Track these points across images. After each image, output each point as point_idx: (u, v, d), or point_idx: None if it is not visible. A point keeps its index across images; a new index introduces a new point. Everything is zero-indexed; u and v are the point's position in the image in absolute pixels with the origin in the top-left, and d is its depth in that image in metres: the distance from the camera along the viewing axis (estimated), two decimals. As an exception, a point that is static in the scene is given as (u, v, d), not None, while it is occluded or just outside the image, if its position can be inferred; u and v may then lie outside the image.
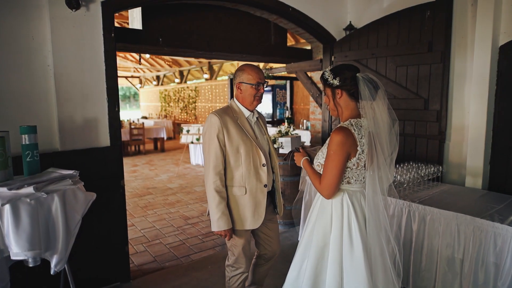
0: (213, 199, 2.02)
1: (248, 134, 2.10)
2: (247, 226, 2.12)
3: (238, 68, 2.13)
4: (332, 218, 1.75)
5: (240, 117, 2.12)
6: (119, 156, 2.80)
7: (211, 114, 2.08)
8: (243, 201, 2.09)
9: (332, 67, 1.78)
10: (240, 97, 2.13)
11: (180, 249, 3.72)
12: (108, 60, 2.70)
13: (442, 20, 3.32)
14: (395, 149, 1.73)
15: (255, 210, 2.11)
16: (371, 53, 3.89)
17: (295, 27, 4.14)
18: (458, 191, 2.99)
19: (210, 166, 2.04)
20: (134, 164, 8.71)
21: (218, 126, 2.02)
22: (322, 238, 1.77)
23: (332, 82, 1.72)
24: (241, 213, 2.10)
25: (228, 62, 12.22)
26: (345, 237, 1.71)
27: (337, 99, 1.76)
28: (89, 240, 2.63)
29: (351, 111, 1.75)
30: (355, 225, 1.70)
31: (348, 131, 1.66)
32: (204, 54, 4.07)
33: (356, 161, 1.69)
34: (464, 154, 3.39)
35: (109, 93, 2.72)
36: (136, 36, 3.34)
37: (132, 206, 5.22)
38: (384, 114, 1.67)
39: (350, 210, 1.71)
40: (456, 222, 2.42)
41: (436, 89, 3.41)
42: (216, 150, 2.02)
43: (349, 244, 1.70)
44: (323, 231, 1.77)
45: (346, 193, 1.74)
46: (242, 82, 2.09)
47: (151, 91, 18.86)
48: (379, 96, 1.67)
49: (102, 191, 2.66)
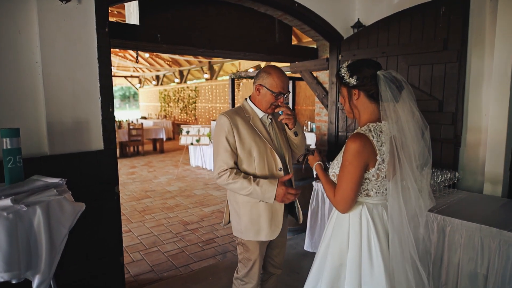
0: (241, 187, 1.82)
1: (261, 135, 1.91)
2: (263, 237, 1.92)
3: (265, 68, 1.94)
4: (350, 235, 1.54)
5: (253, 117, 1.94)
6: (114, 160, 2.60)
7: (220, 115, 1.91)
8: (258, 210, 1.90)
9: (349, 63, 1.56)
10: (257, 99, 1.95)
11: (179, 258, 3.52)
12: (102, 56, 2.50)
13: (458, 16, 3.12)
14: (428, 163, 1.47)
15: (272, 219, 1.92)
16: (381, 52, 3.69)
17: (300, 24, 3.94)
18: (476, 199, 2.79)
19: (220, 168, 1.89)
20: (133, 165, 8.50)
21: (227, 127, 1.85)
22: (338, 257, 1.56)
23: (349, 81, 1.51)
24: (255, 223, 1.90)
25: (229, 62, 12.02)
26: (364, 257, 1.50)
27: (353, 101, 1.55)
28: (80, 251, 2.43)
29: (370, 114, 1.53)
30: (375, 243, 1.49)
31: (365, 138, 1.45)
32: (205, 52, 3.86)
33: (375, 172, 1.48)
34: (481, 159, 3.20)
35: (102, 93, 2.52)
36: (133, 32, 3.13)
37: (129, 211, 5.02)
38: (410, 118, 1.42)
39: (369, 226, 1.50)
40: (480, 235, 2.23)
41: (451, 90, 3.21)
42: (225, 153, 1.87)
43: (369, 265, 1.49)
44: (339, 249, 1.56)
45: (365, 207, 1.53)
46: (263, 85, 1.90)
47: (151, 91, 18.66)
48: (403, 97, 1.44)
49: (94, 198, 2.47)
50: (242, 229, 1.93)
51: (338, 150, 4.33)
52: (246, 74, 7.87)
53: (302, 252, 3.44)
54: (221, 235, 4.08)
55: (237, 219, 1.96)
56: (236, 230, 1.99)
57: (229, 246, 3.77)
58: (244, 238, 1.94)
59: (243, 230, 1.93)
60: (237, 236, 2.00)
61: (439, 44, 3.24)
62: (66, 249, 1.70)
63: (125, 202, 5.42)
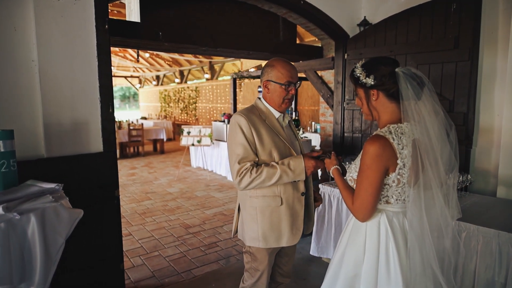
0: (268, 176, 1.67)
1: (280, 136, 1.79)
2: (284, 242, 1.80)
3: (268, 63, 1.83)
4: (366, 244, 1.45)
5: (268, 116, 1.81)
6: (114, 163, 2.49)
7: (235, 115, 1.77)
8: (278, 214, 1.78)
9: (364, 62, 1.47)
10: (268, 97, 1.83)
11: (181, 263, 3.42)
12: (102, 55, 2.40)
13: (470, 13, 3.02)
14: (454, 167, 1.36)
15: (294, 223, 1.81)
16: (389, 51, 3.58)
17: (305, 22, 3.83)
18: (490, 203, 2.69)
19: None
20: (133, 166, 8.40)
21: (245, 126, 1.72)
22: (353, 267, 1.47)
23: (365, 82, 1.43)
24: (276, 228, 1.78)
25: (230, 62, 11.92)
26: (381, 268, 1.41)
27: (372, 102, 1.46)
28: (79, 258, 2.32)
29: (390, 114, 1.44)
30: (394, 254, 1.39)
31: (385, 141, 1.36)
32: (208, 50, 3.75)
33: (396, 177, 1.38)
34: (493, 161, 3.09)
35: (102, 92, 2.41)
36: (134, 30, 3.03)
37: (129, 213, 4.92)
38: (434, 118, 1.33)
39: (388, 235, 1.41)
40: (498, 241, 2.12)
41: (462, 89, 3.11)
42: (245, 151, 1.71)
43: (386, 277, 1.39)
44: (355, 258, 1.47)
45: (384, 214, 1.44)
46: (270, 81, 1.78)
47: (151, 91, 18.56)
48: (425, 94, 1.35)
49: (94, 202, 2.37)
50: (259, 237, 1.79)
51: (343, 152, 4.21)
52: (248, 74, 7.77)
53: (308, 257, 3.34)
54: (223, 238, 3.98)
55: (254, 226, 1.80)
56: (252, 238, 1.82)
57: (232, 250, 3.67)
58: (261, 246, 1.80)
59: (260, 237, 1.79)
60: (249, 245, 1.85)
61: (450, 42, 3.13)
62: (63, 257, 1.60)
63: (125, 204, 5.32)
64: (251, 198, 1.79)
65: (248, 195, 1.80)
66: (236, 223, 1.97)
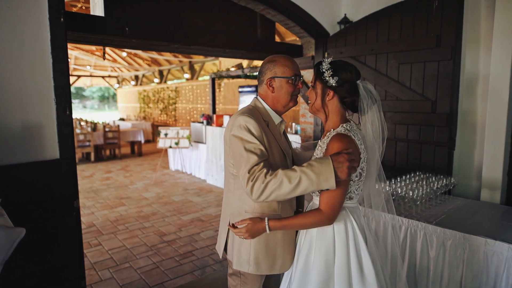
0: (285, 181, 1.29)
1: (281, 146, 1.55)
2: (278, 269, 1.54)
3: (267, 60, 1.61)
4: (336, 245, 1.42)
5: (269, 122, 1.56)
6: (72, 171, 2.25)
7: (241, 116, 1.45)
8: (275, 235, 1.52)
9: (333, 61, 1.47)
10: (271, 97, 1.57)
11: (153, 275, 3.19)
12: (57, 51, 2.16)
13: (452, 11, 2.92)
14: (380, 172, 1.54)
15: (290, 246, 1.56)
16: (370, 49, 3.47)
17: (284, 19, 3.68)
18: (475, 207, 2.59)
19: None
20: (108, 170, 8.05)
21: (256, 130, 1.42)
22: (325, 271, 1.41)
23: (328, 80, 1.44)
24: (271, 252, 1.52)
25: (210, 62, 11.68)
26: (353, 264, 1.41)
27: (326, 100, 1.47)
28: (33, 279, 2.07)
29: (341, 116, 1.49)
30: (363, 247, 1.43)
31: (349, 139, 1.39)
32: (181, 47, 3.54)
33: (359, 172, 1.44)
34: (476, 164, 3.01)
35: (57, 93, 2.17)
36: (98, 25, 2.79)
37: (100, 221, 4.63)
38: (376, 126, 1.48)
39: (355, 231, 1.45)
40: (484, 249, 2.01)
41: (445, 89, 3.01)
42: (257, 155, 1.39)
43: (359, 272, 1.40)
44: (325, 261, 1.42)
45: (348, 211, 1.47)
46: (274, 77, 1.54)
47: (130, 91, 18.06)
48: (373, 110, 1.47)
49: (48, 216, 2.12)
50: (250, 261, 1.52)
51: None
52: (227, 73, 7.55)
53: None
54: (200, 247, 3.77)
55: (246, 247, 1.54)
56: (242, 261, 1.54)
57: (209, 259, 3.46)
58: (251, 272, 1.53)
59: (252, 261, 1.52)
60: (237, 270, 1.58)
61: (432, 41, 3.03)
62: (17, 276, 1.37)
63: (97, 211, 5.02)
64: (246, 214, 1.53)
65: (244, 209, 1.53)
66: (226, 241, 1.66)
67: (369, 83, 1.49)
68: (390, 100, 3.37)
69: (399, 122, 3.32)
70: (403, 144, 3.31)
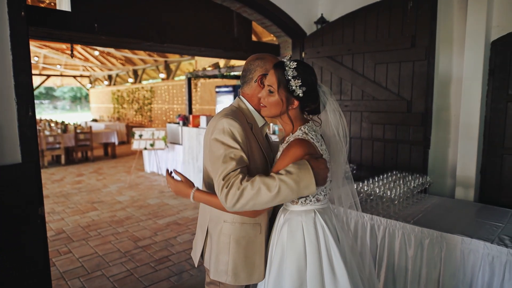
0: (262, 189, 1.21)
1: (263, 150, 1.45)
2: (256, 278, 1.47)
3: (254, 57, 1.51)
4: (307, 248, 1.38)
5: (253, 125, 1.47)
6: (36, 175, 2.10)
7: (224, 119, 1.36)
8: (254, 245, 1.46)
9: (297, 66, 1.34)
10: (257, 97, 1.47)
11: (127, 283, 3.05)
12: (17, 48, 2.00)
13: (426, 11, 2.96)
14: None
15: (265, 254, 1.50)
16: (347, 49, 3.47)
17: (261, 18, 3.62)
18: (450, 205, 2.63)
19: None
20: (80, 173, 7.74)
21: (240, 134, 1.34)
22: (298, 276, 1.36)
23: (295, 90, 1.34)
24: (250, 262, 1.46)
25: (186, 61, 11.48)
26: (325, 267, 1.37)
27: (289, 109, 1.39)
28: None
29: (300, 121, 1.43)
30: (334, 249, 1.39)
31: (308, 143, 1.34)
32: (154, 45, 3.41)
33: None
34: (450, 162, 3.07)
35: (19, 93, 2.02)
36: (64, 20, 2.63)
37: (71, 227, 4.42)
38: (337, 118, 1.44)
39: (325, 233, 1.41)
40: (461, 247, 2.03)
41: (420, 89, 3.05)
42: (235, 162, 1.30)
43: (331, 274, 1.36)
44: (297, 267, 1.37)
45: (317, 214, 1.42)
46: (266, 74, 1.44)
47: (103, 91, 17.51)
48: (332, 110, 1.43)
49: (9, 225, 1.97)
50: (228, 271, 1.45)
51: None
52: (203, 73, 7.42)
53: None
54: (176, 251, 3.65)
55: (224, 257, 1.46)
56: (220, 271, 1.47)
57: (185, 264, 3.36)
58: (229, 282, 1.46)
59: (230, 272, 1.45)
60: (215, 280, 1.50)
61: (407, 41, 3.07)
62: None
63: (67, 217, 4.79)
64: (225, 223, 1.45)
65: (223, 219, 1.45)
66: (203, 248, 1.58)
67: (325, 86, 1.49)
68: (367, 100, 3.38)
69: (376, 122, 3.34)
70: (380, 143, 3.33)
